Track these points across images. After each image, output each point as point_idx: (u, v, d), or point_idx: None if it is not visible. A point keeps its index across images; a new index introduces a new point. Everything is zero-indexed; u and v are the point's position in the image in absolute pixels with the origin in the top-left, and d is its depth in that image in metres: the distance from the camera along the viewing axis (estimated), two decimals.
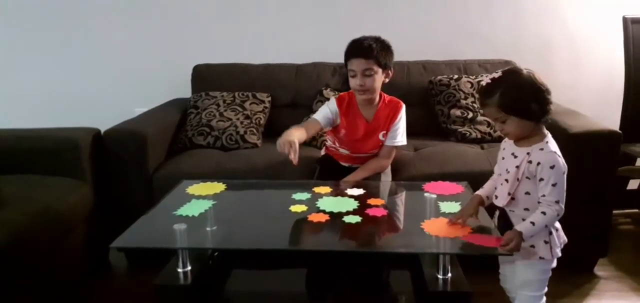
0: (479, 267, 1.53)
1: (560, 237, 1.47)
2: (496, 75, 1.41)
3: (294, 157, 1.71)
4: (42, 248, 1.77)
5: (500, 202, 1.48)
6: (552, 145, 1.42)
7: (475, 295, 1.49)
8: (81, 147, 2.15)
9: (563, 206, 1.38)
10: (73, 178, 2.11)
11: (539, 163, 1.38)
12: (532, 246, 1.43)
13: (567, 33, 2.88)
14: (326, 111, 2.07)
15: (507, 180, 1.45)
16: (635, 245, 2.54)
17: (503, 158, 1.50)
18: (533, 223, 1.36)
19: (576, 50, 2.89)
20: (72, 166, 2.14)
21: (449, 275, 1.47)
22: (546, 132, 1.44)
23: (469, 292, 1.43)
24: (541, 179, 1.38)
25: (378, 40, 1.98)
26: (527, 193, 1.42)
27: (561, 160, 1.39)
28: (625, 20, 2.54)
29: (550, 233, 1.43)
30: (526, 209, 1.43)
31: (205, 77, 2.81)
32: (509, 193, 1.44)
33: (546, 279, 1.49)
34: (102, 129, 2.27)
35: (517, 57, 2.77)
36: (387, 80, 2.04)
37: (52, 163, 2.13)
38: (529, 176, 1.41)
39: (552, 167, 1.37)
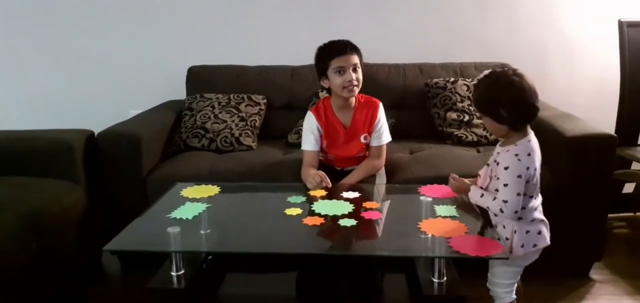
0: (474, 271, 1.53)
1: (531, 239, 1.47)
2: (486, 73, 1.48)
3: (328, 182, 1.87)
4: (35, 251, 1.76)
5: None
6: (520, 148, 1.43)
7: (471, 299, 1.49)
8: (74, 149, 2.14)
9: (511, 206, 1.40)
10: (66, 180, 2.09)
11: (498, 164, 1.45)
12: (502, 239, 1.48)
13: (563, 36, 2.89)
14: (310, 137, 2.07)
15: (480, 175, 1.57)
16: (631, 249, 2.55)
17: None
18: (482, 195, 1.50)
19: (571, 54, 2.90)
20: (65, 168, 2.12)
21: (445, 278, 1.47)
22: (528, 132, 1.46)
23: (464, 296, 1.43)
24: (498, 178, 1.45)
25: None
26: (497, 191, 1.46)
27: (522, 164, 1.41)
28: (620, 23, 2.54)
29: (515, 231, 1.46)
30: None
31: (200, 78, 2.79)
32: (481, 187, 1.54)
33: (512, 272, 1.53)
34: (96, 131, 2.26)
35: (513, 60, 2.76)
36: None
37: (45, 165, 2.11)
38: (497, 176, 1.46)
39: (506, 168, 1.42)
